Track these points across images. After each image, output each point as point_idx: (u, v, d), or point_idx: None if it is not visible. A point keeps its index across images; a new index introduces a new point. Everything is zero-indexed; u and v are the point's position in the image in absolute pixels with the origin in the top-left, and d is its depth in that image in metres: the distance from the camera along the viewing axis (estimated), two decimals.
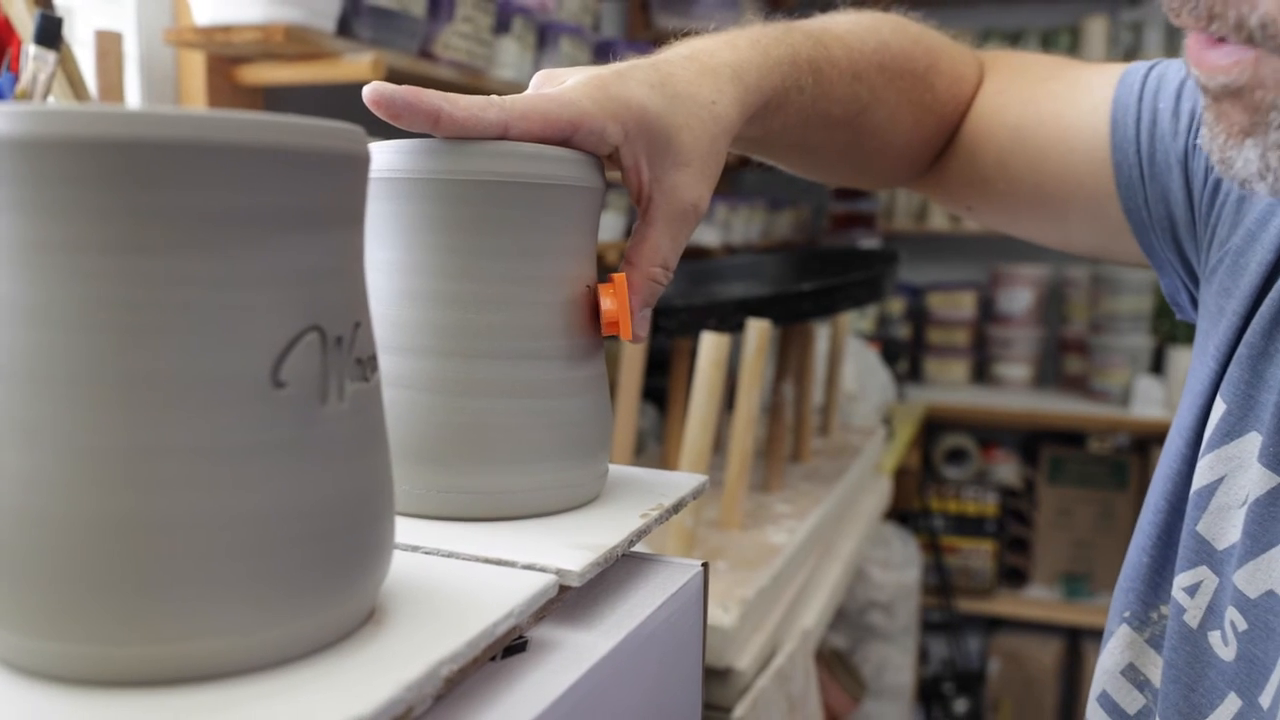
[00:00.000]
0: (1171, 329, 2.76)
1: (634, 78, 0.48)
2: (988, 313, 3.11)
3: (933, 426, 2.93)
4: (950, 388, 3.06)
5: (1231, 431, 0.51)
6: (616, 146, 0.47)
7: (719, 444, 1.45)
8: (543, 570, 0.40)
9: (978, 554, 2.87)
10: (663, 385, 1.44)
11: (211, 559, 0.29)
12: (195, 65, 1.11)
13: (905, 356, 3.02)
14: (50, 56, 0.81)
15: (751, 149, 0.63)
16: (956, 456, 2.99)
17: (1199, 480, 0.52)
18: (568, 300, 0.46)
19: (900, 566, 1.77)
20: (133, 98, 1.09)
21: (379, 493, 0.33)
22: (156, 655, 0.28)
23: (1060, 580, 2.91)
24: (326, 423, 0.31)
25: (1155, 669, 0.53)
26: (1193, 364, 0.56)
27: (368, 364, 0.33)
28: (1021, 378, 3.05)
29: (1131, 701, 0.54)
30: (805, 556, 1.24)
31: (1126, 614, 0.55)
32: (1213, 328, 0.54)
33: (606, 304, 0.47)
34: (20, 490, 0.28)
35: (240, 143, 0.28)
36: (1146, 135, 0.59)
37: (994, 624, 2.94)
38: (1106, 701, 0.56)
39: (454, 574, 0.39)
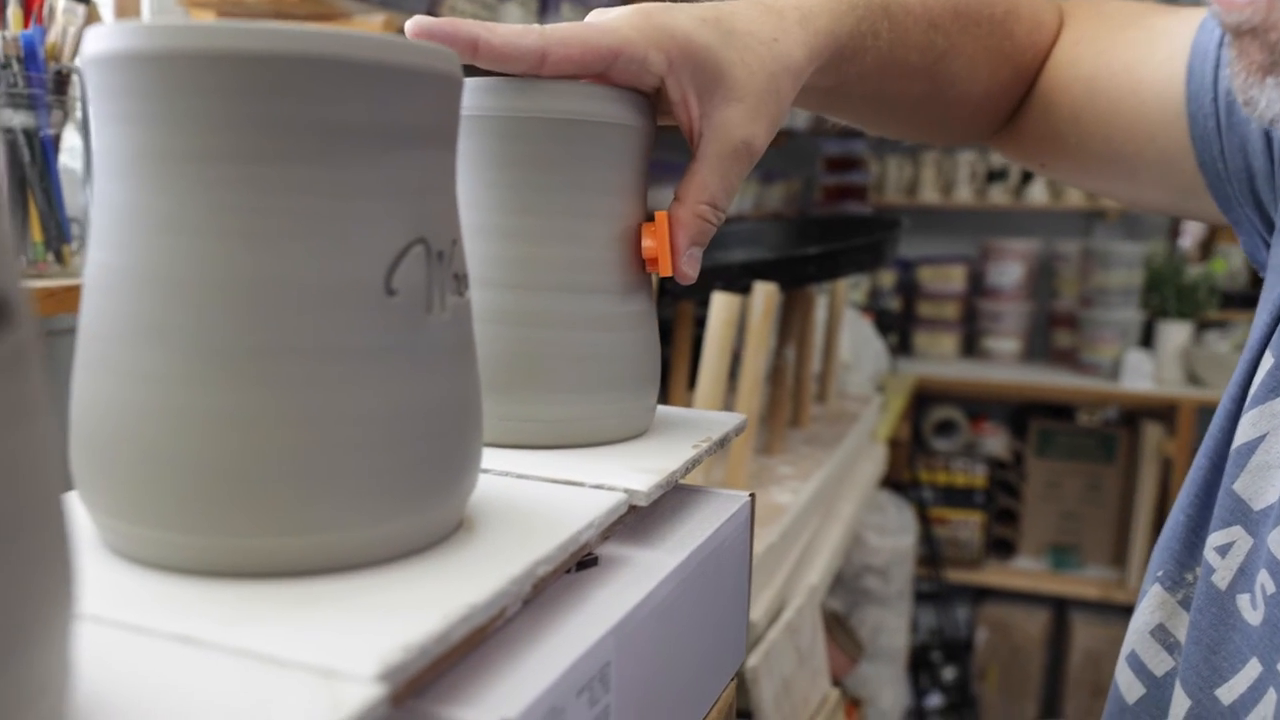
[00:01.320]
0: (1161, 303, 2.79)
1: (684, 10, 0.48)
2: (978, 286, 3.14)
3: (922, 399, 2.96)
4: (940, 360, 3.08)
5: (1278, 387, 0.49)
6: (661, 77, 0.46)
7: (724, 407, 1.47)
8: (611, 489, 0.41)
9: (966, 525, 2.91)
10: (665, 355, 1.46)
11: (331, 454, 0.30)
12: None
13: (896, 329, 3.05)
14: (80, 10, 0.81)
15: (825, 104, 0.60)
16: (946, 428, 3.02)
17: (1240, 437, 0.50)
18: (620, 237, 0.48)
19: (895, 532, 1.80)
20: None
21: (474, 400, 0.35)
22: (277, 547, 0.30)
23: (1048, 551, 2.95)
24: (431, 330, 0.32)
25: (1186, 631, 0.52)
26: (1255, 319, 0.54)
27: (463, 279, 0.35)
28: (1011, 351, 3.08)
29: (1160, 663, 0.53)
30: (809, 516, 1.27)
31: (1160, 573, 0.54)
32: (1276, 280, 0.52)
33: (646, 241, 0.48)
34: (151, 388, 0.30)
35: (362, 59, 0.30)
36: (1226, 83, 0.55)
37: (982, 594, 2.98)
38: (1135, 661, 0.54)
39: (530, 492, 0.41)
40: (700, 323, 1.27)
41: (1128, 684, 0.55)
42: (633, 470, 0.44)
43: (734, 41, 0.47)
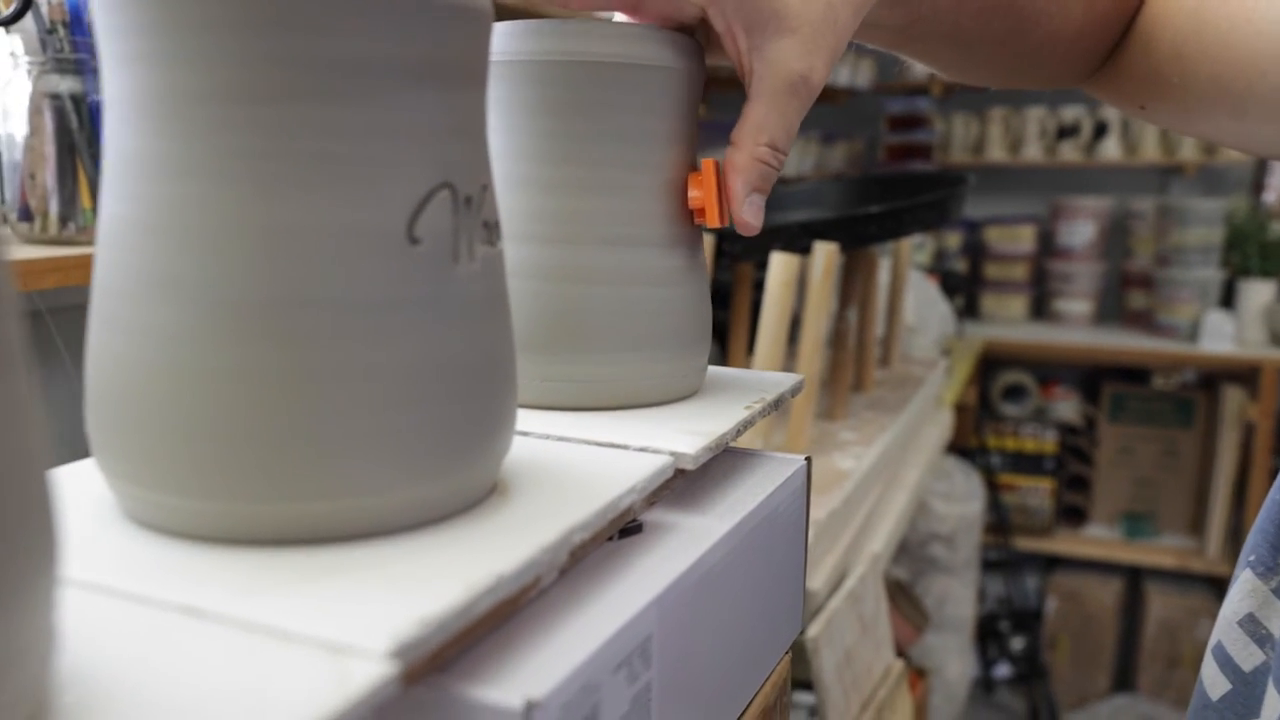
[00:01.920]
0: (1244, 261, 2.69)
1: None
2: (1048, 247, 3.05)
3: (990, 363, 2.89)
4: (1008, 323, 3.01)
5: None
6: (701, 7, 0.43)
7: (785, 369, 1.44)
8: (657, 452, 0.39)
9: (1036, 492, 2.85)
10: (724, 320, 1.43)
11: (351, 413, 0.28)
12: None
13: (962, 292, 2.97)
14: None
15: (898, 44, 0.56)
16: (1014, 393, 2.95)
17: None
18: (666, 187, 0.45)
19: (962, 499, 1.76)
20: None
21: (506, 358, 0.33)
22: (299, 512, 0.28)
23: (1121, 519, 2.88)
24: (459, 282, 0.30)
25: (1278, 620, 0.48)
26: None
27: (494, 229, 0.32)
28: (1082, 313, 2.99)
29: (1248, 657, 0.49)
30: (872, 483, 1.23)
31: (1252, 558, 0.50)
32: None
33: (693, 191, 0.46)
34: (162, 344, 0.28)
35: None
36: None
37: (1052, 562, 2.92)
38: (1220, 654, 0.50)
39: (570, 455, 0.39)
40: (760, 285, 1.24)
41: (1212, 679, 0.51)
42: (680, 432, 0.41)
43: None
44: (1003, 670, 2.73)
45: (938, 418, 1.71)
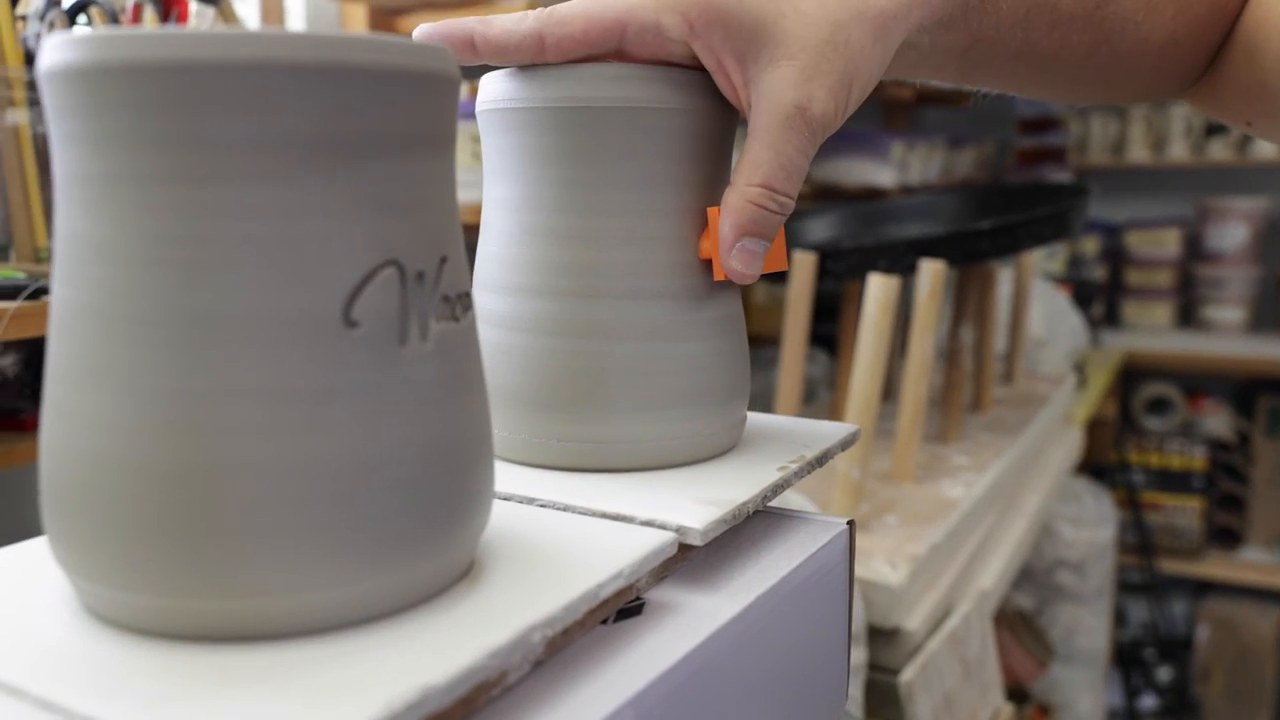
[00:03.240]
0: None
1: None
2: (1195, 251, 2.88)
3: (1132, 374, 2.75)
4: (1151, 332, 2.85)
5: None
6: (685, 44, 0.40)
7: (891, 392, 1.39)
8: (662, 527, 0.37)
9: (1183, 511, 2.69)
10: (834, 331, 1.39)
11: (282, 508, 0.27)
12: (357, 18, 1.12)
13: (1100, 299, 2.83)
14: (210, 12, 0.82)
15: (964, 70, 0.50)
16: (1158, 406, 2.80)
17: None
18: (691, 236, 0.43)
19: (1093, 524, 1.66)
20: None
21: (471, 440, 0.31)
22: (225, 610, 0.27)
23: None
24: (407, 365, 0.28)
25: None
26: None
27: (457, 302, 0.30)
28: (1234, 321, 2.81)
29: None
30: (984, 512, 1.17)
31: None
32: None
33: (704, 241, 0.42)
34: (91, 433, 0.27)
35: (297, 61, 0.26)
36: None
37: (1203, 587, 2.75)
38: None
39: (566, 528, 0.36)
40: None
41: None
42: (695, 501, 0.39)
43: None
44: (1148, 702, 2.59)
45: (1065, 437, 1.63)
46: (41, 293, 0.69)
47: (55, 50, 0.27)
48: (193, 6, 0.83)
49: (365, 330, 0.27)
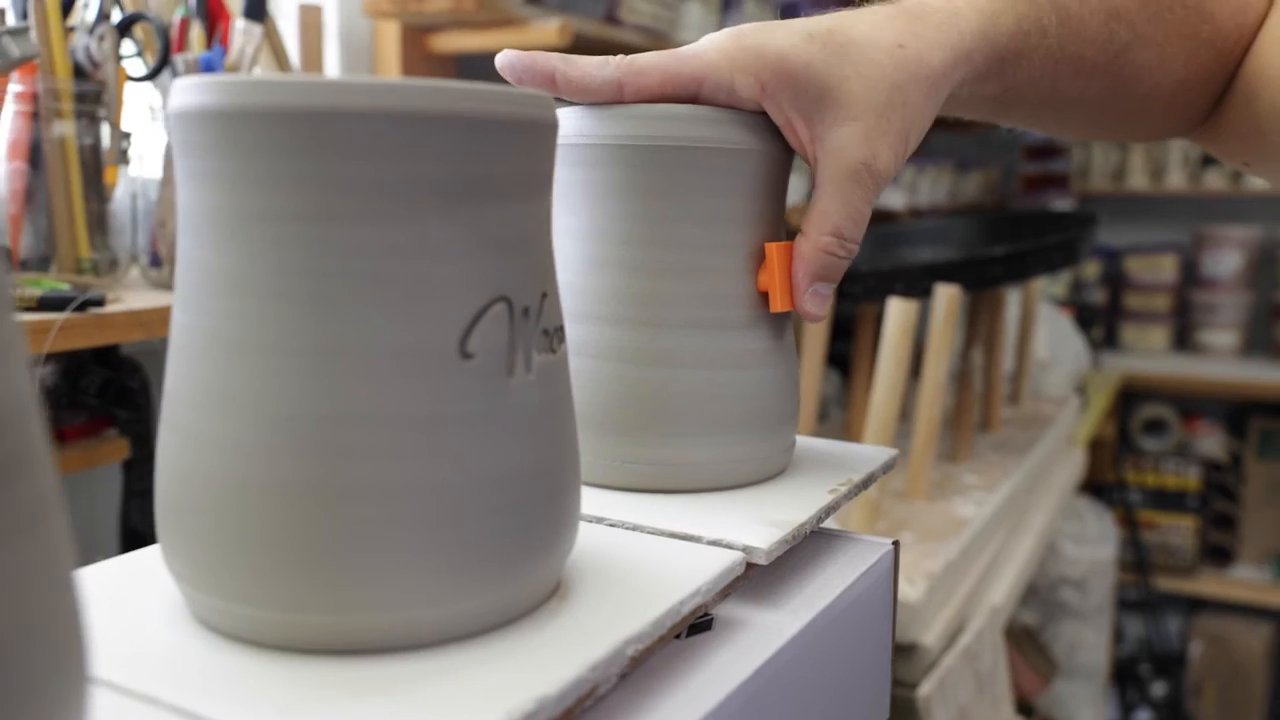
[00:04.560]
0: None
1: (786, 27, 0.44)
2: (1191, 276, 2.92)
3: (1130, 396, 2.78)
4: (1149, 355, 2.89)
5: None
6: (757, 102, 0.43)
7: (904, 412, 1.41)
8: (729, 547, 0.38)
9: (1178, 530, 2.72)
10: (847, 351, 1.41)
11: (400, 528, 0.28)
12: (390, 35, 1.14)
13: (1100, 323, 2.87)
14: (256, 30, 0.84)
15: (993, 112, 0.55)
16: (1155, 427, 2.83)
17: None
18: (750, 269, 0.45)
19: (1095, 542, 1.69)
20: (331, 68, 1.13)
21: (566, 465, 0.33)
22: (344, 624, 0.29)
23: (1272, 560, 2.72)
24: (513, 394, 0.30)
25: None
26: None
27: (554, 335, 0.32)
28: (1228, 345, 2.85)
29: None
30: (994, 530, 1.19)
31: None
32: None
33: (761, 274, 0.45)
34: (218, 456, 0.29)
35: (428, 111, 0.28)
36: None
37: (1196, 604, 2.78)
38: None
39: (639, 548, 0.38)
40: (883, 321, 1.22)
41: None
42: (756, 522, 0.41)
43: (848, 54, 0.43)
44: (1143, 717, 2.61)
45: (1069, 458, 1.65)
46: (89, 305, 0.71)
47: (190, 92, 0.29)
48: (239, 24, 0.85)
49: (478, 362, 0.29)
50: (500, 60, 0.43)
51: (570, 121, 0.44)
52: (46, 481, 0.20)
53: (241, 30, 0.85)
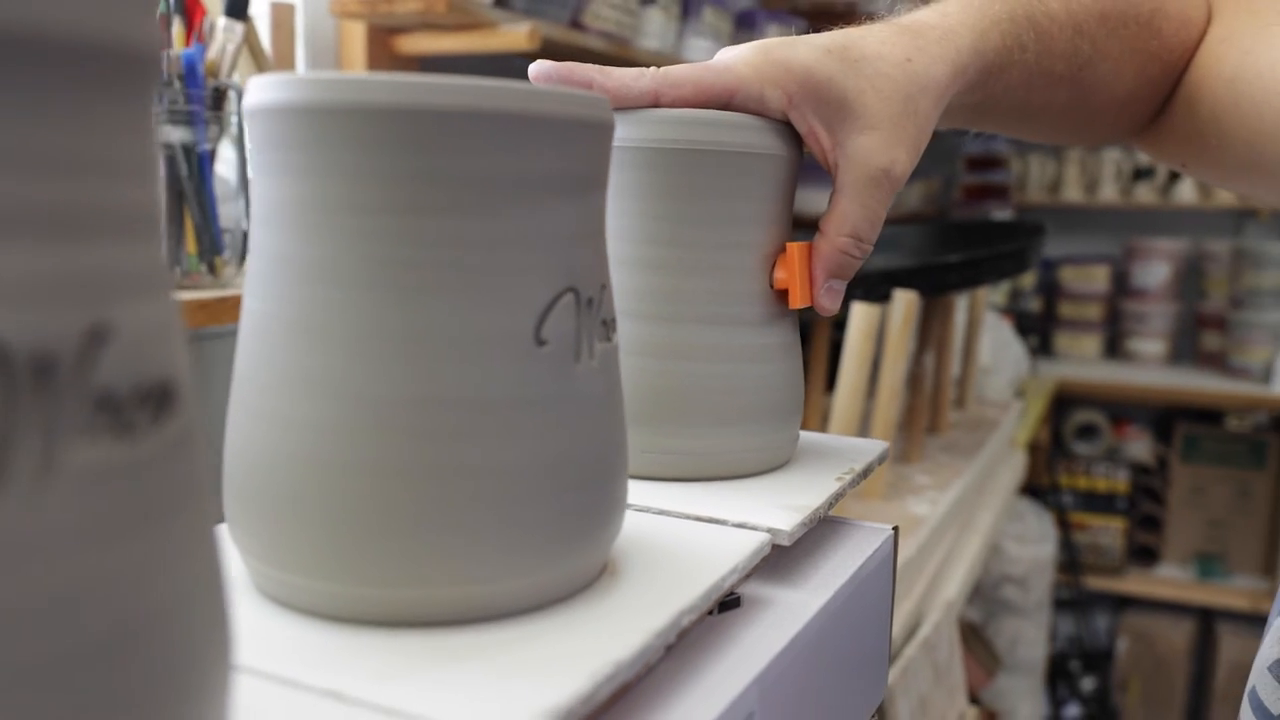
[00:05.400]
0: None
1: (806, 42, 0.47)
2: (1122, 287, 3.03)
3: (1063, 401, 2.87)
4: (1081, 362, 2.98)
5: None
6: (783, 113, 0.46)
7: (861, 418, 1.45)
8: (754, 529, 0.40)
9: (1107, 531, 2.81)
10: (804, 355, 1.44)
11: (478, 506, 0.30)
12: (356, 35, 1.15)
13: (1036, 330, 2.96)
14: (239, 28, 0.84)
15: (969, 119, 0.59)
16: (1087, 432, 2.92)
17: None
18: (764, 267, 0.47)
19: (1035, 541, 1.74)
20: (299, 67, 1.13)
21: (620, 449, 0.35)
22: (427, 597, 0.30)
23: (1194, 560, 2.83)
24: (579, 379, 0.32)
25: None
26: None
27: (610, 325, 0.34)
28: (1156, 353, 2.96)
29: (1276, 700, 0.50)
30: (947, 528, 1.23)
31: None
32: None
33: (779, 273, 0.47)
34: (301, 436, 0.30)
35: (512, 110, 0.29)
36: None
37: (1123, 602, 2.88)
38: (1254, 698, 0.52)
39: (673, 531, 0.40)
40: (839, 324, 1.25)
41: None
42: (775, 507, 0.43)
43: (863, 68, 0.46)
44: (1072, 711, 2.69)
45: (1011, 460, 1.70)
46: None
47: (274, 88, 0.30)
48: (220, 22, 0.85)
49: (551, 348, 0.31)
50: (535, 70, 0.45)
51: None
52: (204, 461, 0.21)
53: (223, 28, 0.86)
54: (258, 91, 0.31)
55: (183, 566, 0.20)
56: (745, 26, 1.61)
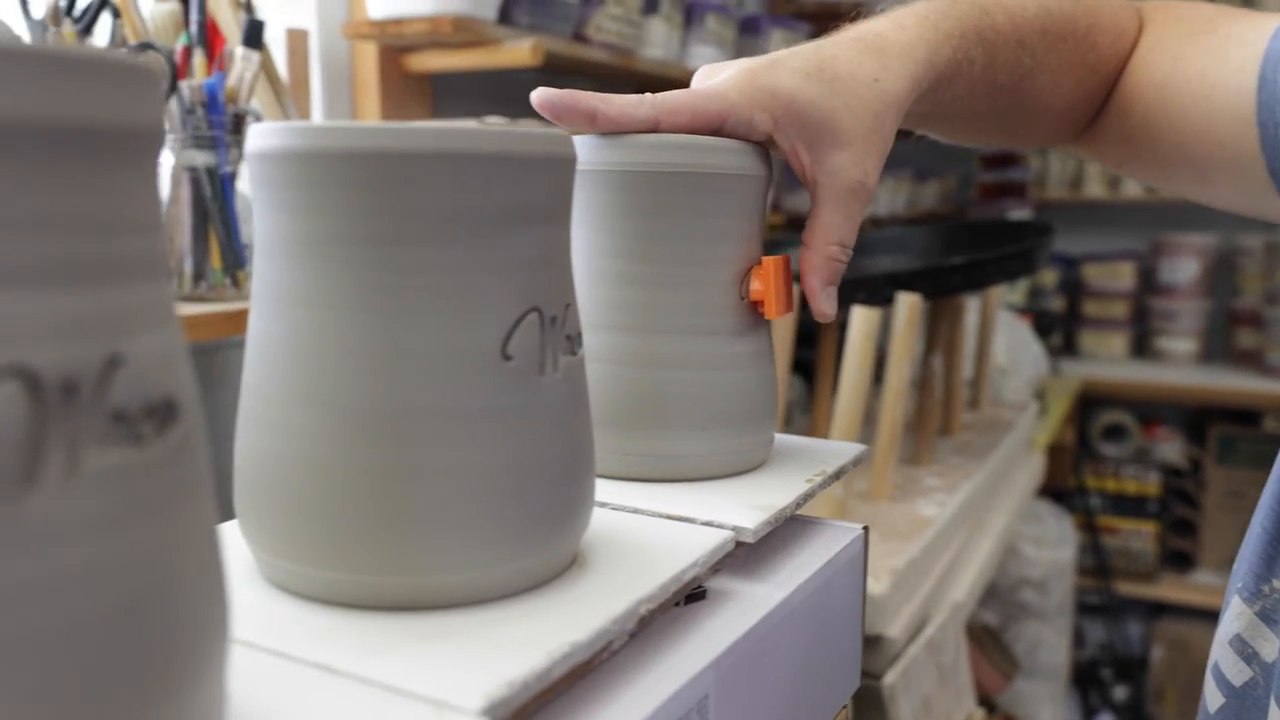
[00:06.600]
0: None
1: (787, 66, 0.50)
2: (1149, 284, 2.99)
3: (1089, 402, 2.85)
4: (1108, 362, 2.96)
5: None
6: (769, 134, 0.50)
7: (868, 416, 1.47)
8: (720, 527, 0.44)
9: (1138, 535, 2.79)
10: (810, 358, 1.47)
11: (452, 503, 0.34)
12: (369, 56, 1.19)
13: (1059, 330, 2.93)
14: (255, 56, 0.89)
15: (917, 125, 0.63)
16: (1115, 433, 2.91)
17: None
18: (737, 281, 0.50)
19: (1054, 544, 1.76)
20: (315, 88, 1.18)
21: (585, 452, 0.38)
22: (410, 584, 0.34)
23: (1232, 565, 2.79)
24: (544, 390, 0.36)
25: (1264, 642, 0.54)
26: None
27: (575, 340, 0.38)
28: (1187, 352, 2.92)
29: (1238, 673, 0.55)
30: (956, 530, 1.26)
31: (1239, 585, 0.56)
32: None
33: (755, 284, 0.51)
34: (300, 442, 0.34)
35: (479, 151, 0.33)
36: None
37: (1157, 609, 2.83)
38: (1216, 671, 0.56)
39: (642, 528, 0.44)
40: (845, 327, 1.28)
41: (1211, 693, 0.57)
42: (743, 506, 0.46)
43: (838, 88, 0.50)
44: None
45: (1028, 462, 1.72)
46: None
47: (270, 135, 0.34)
48: (239, 51, 0.90)
49: (516, 362, 0.35)
50: (538, 98, 0.48)
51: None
52: (204, 460, 0.25)
53: (241, 57, 0.90)
54: (255, 139, 0.35)
55: (186, 549, 0.24)
56: (750, 33, 1.62)
